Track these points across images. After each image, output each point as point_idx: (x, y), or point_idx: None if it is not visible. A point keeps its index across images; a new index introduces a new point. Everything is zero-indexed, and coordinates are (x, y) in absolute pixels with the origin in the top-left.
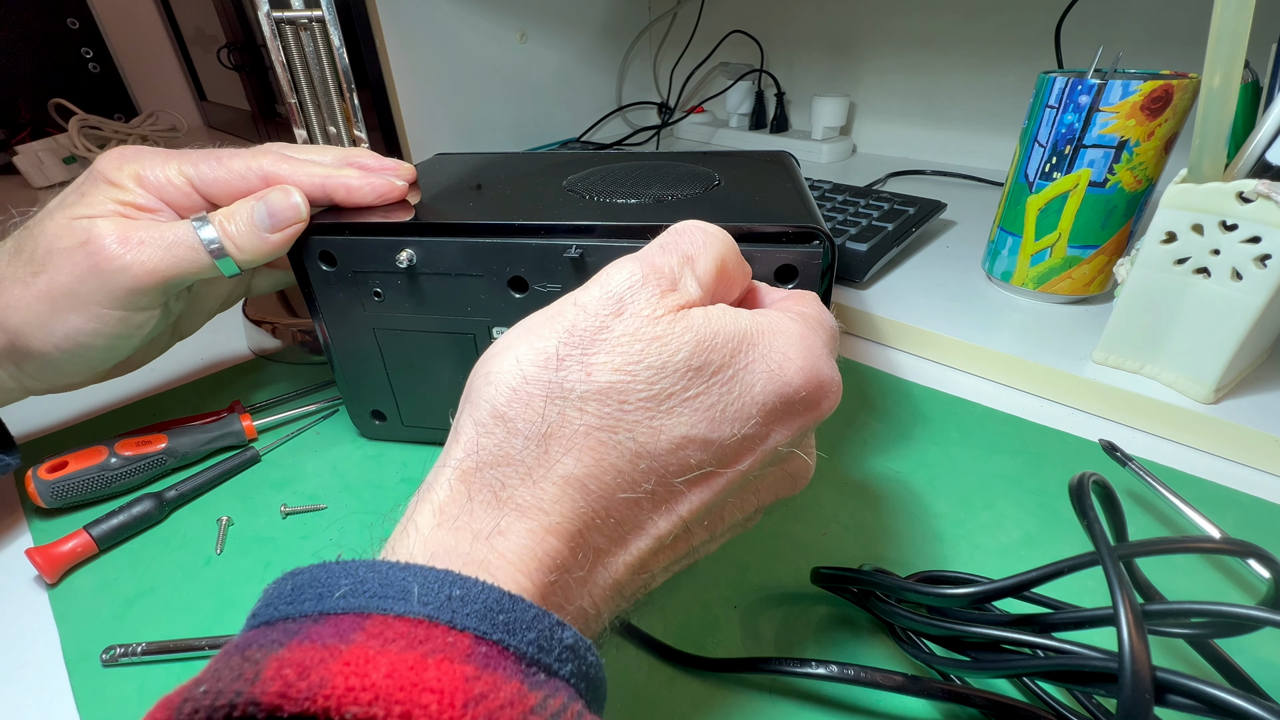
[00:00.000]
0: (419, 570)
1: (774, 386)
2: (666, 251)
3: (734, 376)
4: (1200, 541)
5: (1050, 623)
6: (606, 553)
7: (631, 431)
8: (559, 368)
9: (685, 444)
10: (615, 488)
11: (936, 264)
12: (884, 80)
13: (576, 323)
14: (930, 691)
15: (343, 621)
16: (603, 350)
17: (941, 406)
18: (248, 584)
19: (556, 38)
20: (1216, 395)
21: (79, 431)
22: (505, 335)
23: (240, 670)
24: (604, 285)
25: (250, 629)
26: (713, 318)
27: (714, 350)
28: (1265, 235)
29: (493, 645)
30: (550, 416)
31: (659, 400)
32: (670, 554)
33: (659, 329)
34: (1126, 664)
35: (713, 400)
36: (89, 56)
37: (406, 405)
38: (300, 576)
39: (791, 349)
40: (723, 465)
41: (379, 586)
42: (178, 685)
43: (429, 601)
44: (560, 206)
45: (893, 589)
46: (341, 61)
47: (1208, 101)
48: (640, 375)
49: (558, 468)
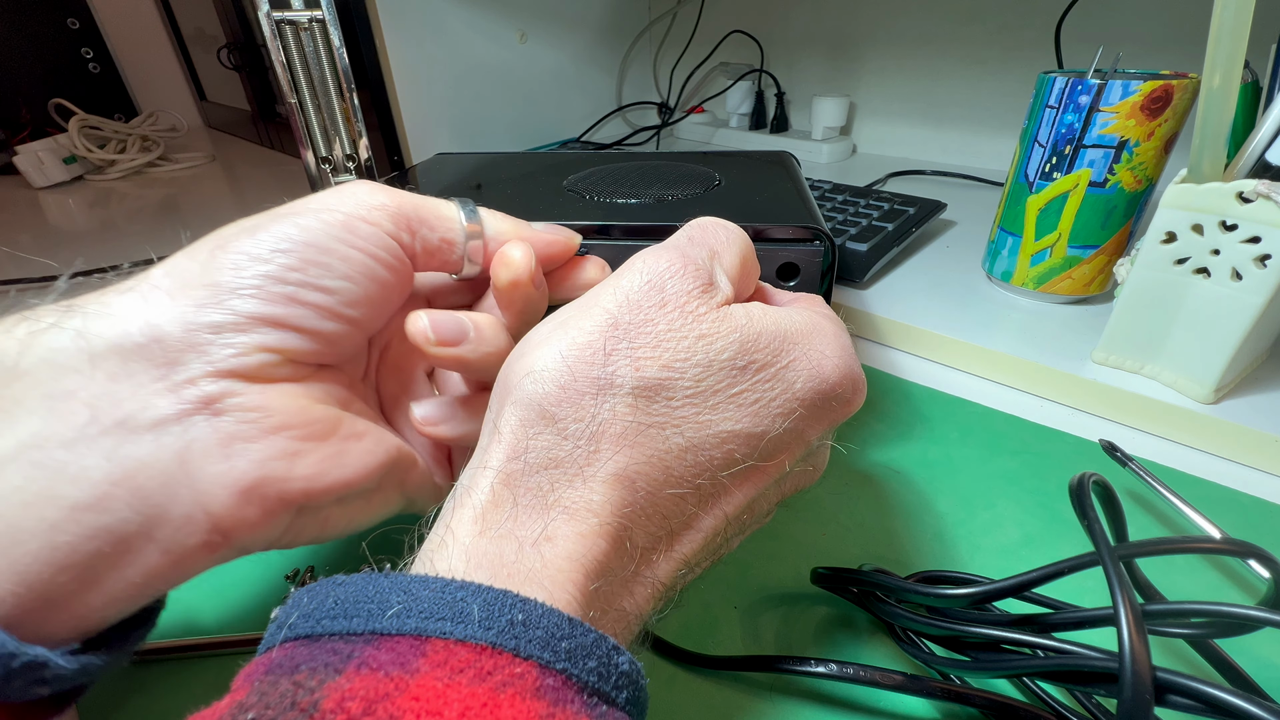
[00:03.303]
0: (476, 590)
1: (814, 384)
2: (695, 245)
3: (777, 374)
4: (1200, 542)
5: (1050, 623)
6: (652, 551)
7: (680, 428)
8: (606, 362)
9: (731, 439)
10: (664, 484)
11: (936, 264)
12: (884, 80)
13: (620, 315)
14: (930, 691)
15: (400, 645)
16: (648, 344)
17: (941, 406)
18: (248, 584)
19: (556, 38)
20: (1216, 395)
21: None
22: (538, 329)
23: (294, 698)
24: (644, 274)
25: (288, 641)
26: (754, 317)
27: (758, 350)
28: (1265, 235)
29: (557, 676)
30: (602, 415)
31: (706, 396)
32: (710, 550)
33: (704, 326)
34: (1127, 664)
35: (757, 396)
36: (89, 56)
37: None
38: (344, 588)
39: (829, 347)
40: (765, 460)
41: (434, 605)
42: (209, 705)
43: (491, 625)
44: (560, 207)
45: (893, 589)
46: (341, 61)
47: (1208, 101)
48: (688, 373)
49: (608, 464)
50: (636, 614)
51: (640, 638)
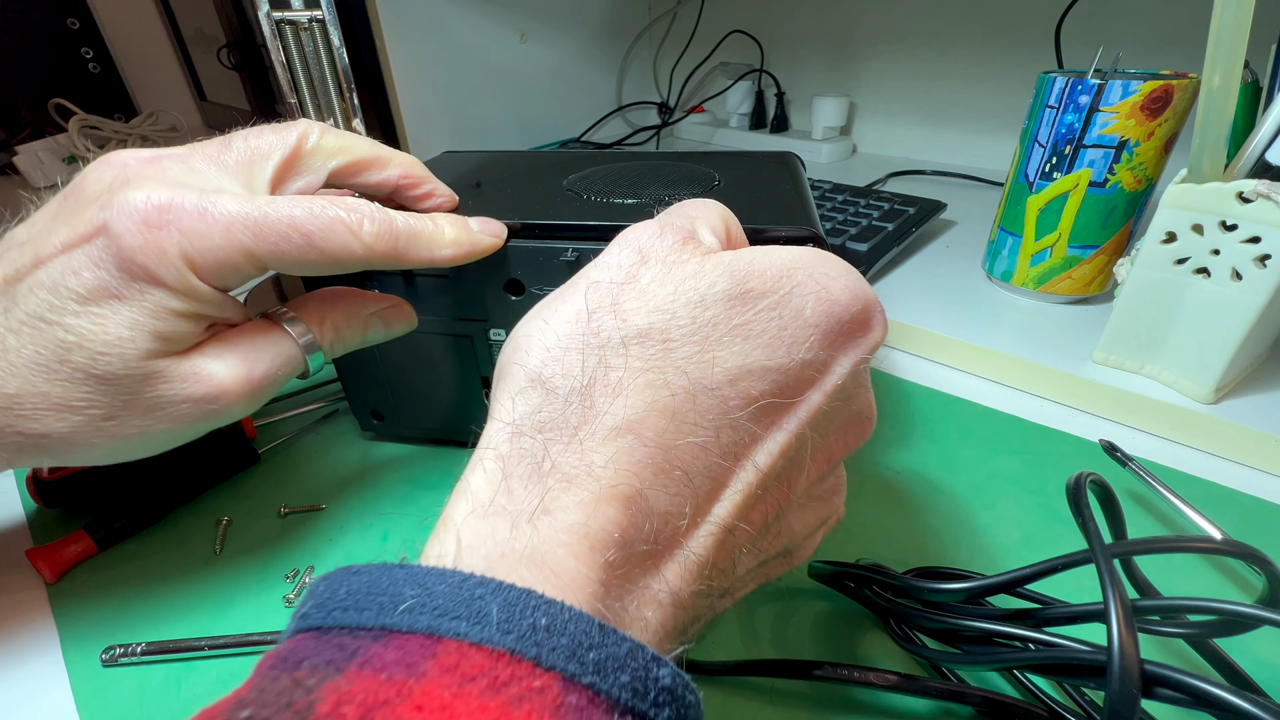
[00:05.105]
0: (497, 587)
1: (824, 307)
2: (674, 215)
3: (781, 300)
4: (1195, 541)
5: (1043, 617)
6: (677, 516)
7: (682, 368)
8: (590, 319)
9: (742, 374)
10: (675, 432)
11: (936, 264)
12: (884, 80)
13: (600, 277)
14: (925, 690)
15: (409, 644)
16: (633, 296)
17: (941, 406)
18: (248, 584)
19: (556, 38)
20: (1216, 395)
21: None
22: (529, 312)
23: (290, 698)
24: (621, 242)
25: (298, 631)
26: (743, 253)
27: (752, 277)
28: (1265, 235)
29: (583, 691)
30: (590, 366)
31: (705, 331)
32: (756, 520)
33: (689, 268)
34: (1115, 657)
35: (763, 326)
36: (89, 56)
37: (404, 406)
38: (358, 578)
39: (833, 269)
40: (787, 395)
41: (450, 602)
42: (215, 700)
43: (510, 629)
44: (559, 206)
45: (889, 583)
46: (341, 61)
47: (1208, 101)
48: (679, 311)
49: (605, 418)
50: (672, 595)
51: (695, 634)
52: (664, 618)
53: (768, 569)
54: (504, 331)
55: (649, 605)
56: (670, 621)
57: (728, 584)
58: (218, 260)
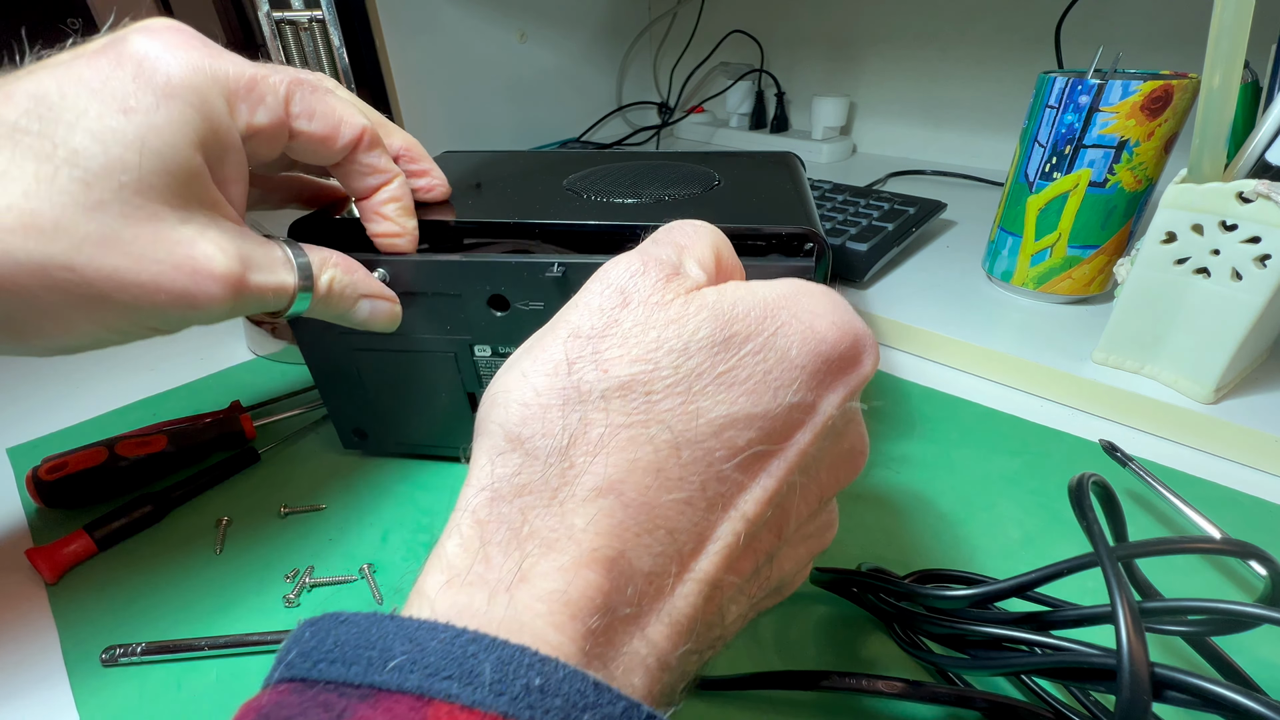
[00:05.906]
0: (490, 644)
1: (810, 346)
2: (659, 244)
3: (765, 344)
4: (1198, 542)
5: (1049, 621)
6: (661, 576)
7: (665, 422)
8: (570, 371)
9: (728, 424)
10: (658, 489)
11: (936, 264)
12: (884, 80)
13: (580, 324)
14: (934, 696)
15: (399, 705)
16: (615, 344)
17: (941, 406)
18: (247, 584)
19: (556, 38)
20: (1216, 395)
21: (79, 432)
22: (510, 357)
23: None
24: (603, 280)
25: (282, 681)
26: (727, 291)
27: (736, 320)
28: (1265, 235)
29: None
30: (571, 425)
31: (689, 383)
32: (744, 569)
33: (672, 312)
34: (1125, 660)
35: (748, 372)
36: None
37: (389, 424)
38: (346, 629)
39: (819, 305)
40: (774, 441)
41: (442, 660)
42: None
43: (504, 691)
44: (559, 206)
45: (893, 589)
46: (341, 61)
47: (1208, 101)
48: (662, 362)
49: (585, 478)
50: (658, 658)
51: (682, 689)
52: (650, 682)
53: (759, 606)
54: (489, 348)
55: (636, 670)
56: (657, 684)
57: (717, 635)
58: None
